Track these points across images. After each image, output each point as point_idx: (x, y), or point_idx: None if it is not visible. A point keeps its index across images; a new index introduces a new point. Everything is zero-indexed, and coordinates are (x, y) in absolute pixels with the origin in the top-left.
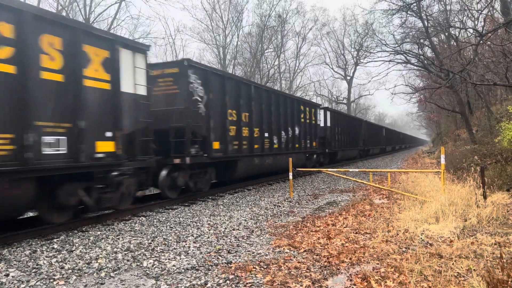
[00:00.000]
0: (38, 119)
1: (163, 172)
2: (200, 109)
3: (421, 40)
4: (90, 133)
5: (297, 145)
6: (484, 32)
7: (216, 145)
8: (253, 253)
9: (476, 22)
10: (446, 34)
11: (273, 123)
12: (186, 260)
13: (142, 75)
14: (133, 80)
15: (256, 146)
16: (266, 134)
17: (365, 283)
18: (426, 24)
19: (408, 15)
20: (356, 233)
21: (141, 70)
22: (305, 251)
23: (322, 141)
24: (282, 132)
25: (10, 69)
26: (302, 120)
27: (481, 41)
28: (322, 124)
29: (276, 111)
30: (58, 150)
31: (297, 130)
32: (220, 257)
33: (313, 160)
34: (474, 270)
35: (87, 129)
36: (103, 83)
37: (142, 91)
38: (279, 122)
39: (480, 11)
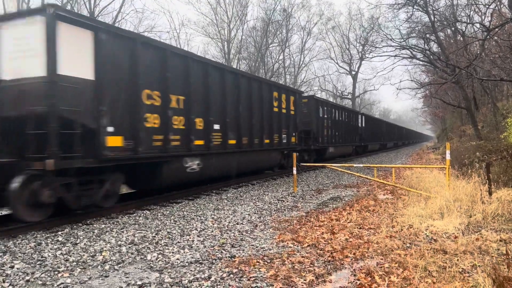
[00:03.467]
0: None
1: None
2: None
3: (427, 35)
4: None
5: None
6: (491, 27)
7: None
8: (256, 247)
9: (483, 17)
10: (453, 29)
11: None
12: (190, 254)
13: None
14: None
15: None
16: (217, 126)
17: (369, 278)
18: (432, 18)
19: (414, 9)
20: (360, 228)
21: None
22: (308, 246)
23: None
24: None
25: None
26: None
27: (488, 36)
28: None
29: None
30: None
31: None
32: (223, 251)
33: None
34: (479, 266)
35: None
36: None
37: None
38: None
39: (487, 6)
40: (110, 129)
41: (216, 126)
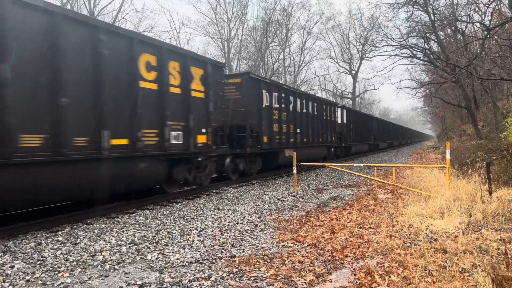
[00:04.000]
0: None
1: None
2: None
3: (427, 34)
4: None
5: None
6: (491, 26)
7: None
8: (257, 247)
9: (483, 16)
10: (453, 28)
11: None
12: (190, 254)
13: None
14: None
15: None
16: (298, 130)
17: (369, 278)
18: (432, 18)
19: (414, 8)
20: (360, 227)
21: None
22: (309, 245)
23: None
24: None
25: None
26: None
27: (488, 36)
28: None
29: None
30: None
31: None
32: (224, 251)
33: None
34: (479, 265)
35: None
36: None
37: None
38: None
39: (487, 5)
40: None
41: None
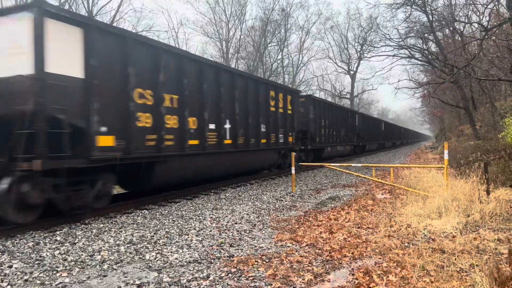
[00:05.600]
0: None
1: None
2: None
3: (426, 35)
4: None
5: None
6: (489, 26)
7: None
8: (255, 247)
9: (481, 16)
10: (451, 28)
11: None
12: (189, 253)
13: None
14: None
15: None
16: (212, 126)
17: (367, 278)
18: (430, 18)
19: (412, 9)
20: (359, 227)
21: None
22: (307, 245)
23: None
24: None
25: None
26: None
27: (486, 36)
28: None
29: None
30: None
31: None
32: (222, 251)
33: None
34: (476, 265)
35: None
36: None
37: None
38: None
39: (485, 6)
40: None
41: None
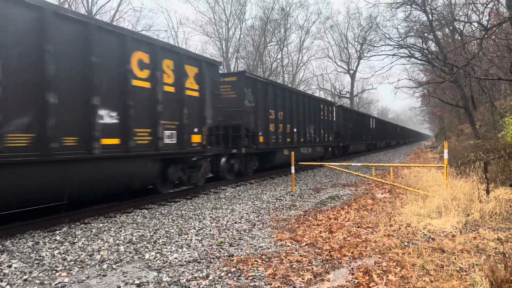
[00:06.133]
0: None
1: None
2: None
3: (425, 34)
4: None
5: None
6: (489, 26)
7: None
8: (255, 246)
9: (481, 16)
10: (451, 28)
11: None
12: (188, 253)
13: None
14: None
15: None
16: (295, 130)
17: (367, 277)
18: (430, 17)
19: (412, 8)
20: (358, 227)
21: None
22: (307, 244)
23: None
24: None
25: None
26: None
27: (486, 35)
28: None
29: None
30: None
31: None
32: (222, 250)
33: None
34: (476, 265)
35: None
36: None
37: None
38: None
39: (485, 5)
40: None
41: (295, 130)
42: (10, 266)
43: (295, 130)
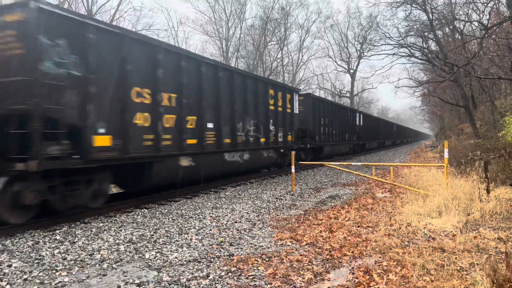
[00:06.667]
0: None
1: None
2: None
3: (426, 33)
4: None
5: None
6: (489, 25)
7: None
8: (255, 245)
9: (481, 15)
10: (451, 27)
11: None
12: (188, 252)
13: None
14: None
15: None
16: (210, 125)
17: (368, 277)
18: (430, 17)
19: (412, 7)
20: (358, 226)
21: None
22: (307, 244)
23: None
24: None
25: None
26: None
27: (486, 35)
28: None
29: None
30: None
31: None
32: (222, 250)
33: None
34: (477, 264)
35: None
36: None
37: None
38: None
39: (485, 4)
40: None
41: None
42: (10, 266)
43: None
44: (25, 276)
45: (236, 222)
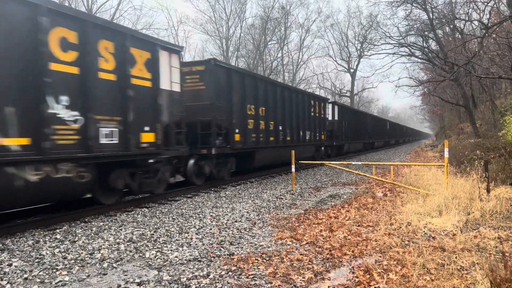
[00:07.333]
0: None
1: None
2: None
3: (426, 33)
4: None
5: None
6: (489, 24)
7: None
8: (255, 245)
9: (481, 14)
10: (451, 26)
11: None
12: (189, 252)
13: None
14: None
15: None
16: (280, 128)
17: (368, 276)
18: (431, 16)
19: (413, 7)
20: (359, 226)
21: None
22: (307, 243)
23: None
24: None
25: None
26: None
27: (487, 34)
28: (330, 118)
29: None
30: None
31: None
32: (222, 249)
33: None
34: (477, 263)
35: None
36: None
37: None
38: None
39: (486, 3)
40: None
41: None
42: (10, 265)
43: None
44: (25, 275)
45: (236, 221)
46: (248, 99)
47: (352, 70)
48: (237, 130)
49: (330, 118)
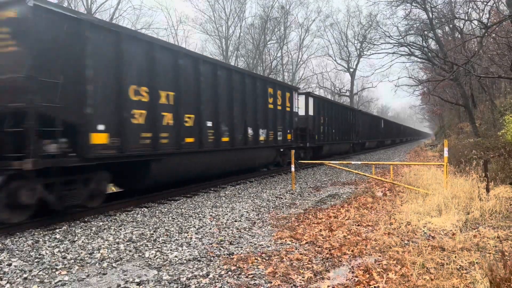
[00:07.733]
0: None
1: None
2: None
3: (425, 32)
4: None
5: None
6: (489, 24)
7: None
8: (255, 244)
9: (481, 14)
10: (451, 26)
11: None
12: (188, 251)
13: None
14: None
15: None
16: (209, 123)
17: (367, 275)
18: (430, 15)
19: (412, 6)
20: (358, 225)
21: None
22: (307, 243)
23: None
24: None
25: None
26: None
27: (486, 33)
28: (302, 113)
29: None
30: None
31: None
32: (222, 249)
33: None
34: (476, 263)
35: None
36: None
37: None
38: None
39: (485, 3)
40: (95, 124)
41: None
42: (10, 265)
43: None
44: (25, 275)
45: (236, 221)
46: (132, 76)
47: (351, 70)
48: (100, 127)
49: (301, 113)
